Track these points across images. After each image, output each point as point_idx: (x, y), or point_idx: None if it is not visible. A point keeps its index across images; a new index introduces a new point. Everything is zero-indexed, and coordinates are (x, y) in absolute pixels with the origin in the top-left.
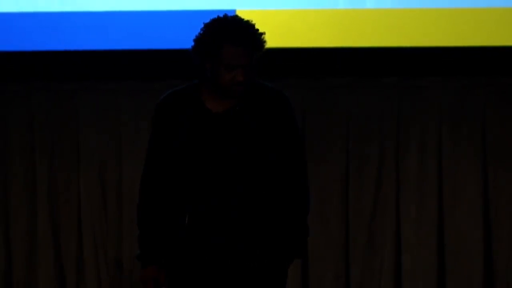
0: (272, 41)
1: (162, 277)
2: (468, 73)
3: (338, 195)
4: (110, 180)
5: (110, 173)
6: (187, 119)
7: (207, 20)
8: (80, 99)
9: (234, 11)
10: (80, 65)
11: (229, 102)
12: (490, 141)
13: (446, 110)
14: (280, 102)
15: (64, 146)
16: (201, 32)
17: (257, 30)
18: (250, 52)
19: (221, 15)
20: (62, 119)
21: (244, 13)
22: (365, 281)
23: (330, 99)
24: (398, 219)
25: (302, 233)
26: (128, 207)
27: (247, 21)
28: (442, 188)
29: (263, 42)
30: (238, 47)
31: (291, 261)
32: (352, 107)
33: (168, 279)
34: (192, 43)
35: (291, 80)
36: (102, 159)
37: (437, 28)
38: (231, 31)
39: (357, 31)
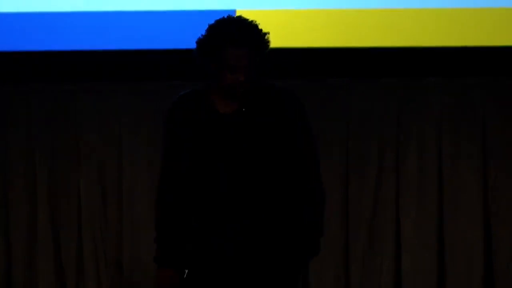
0: (272, 41)
1: (177, 280)
2: (468, 73)
3: (338, 195)
4: (110, 180)
5: (110, 173)
6: (196, 121)
7: (207, 20)
8: (80, 99)
9: (234, 11)
10: (80, 65)
11: (238, 102)
12: (490, 141)
13: (446, 110)
14: (292, 102)
15: (64, 146)
16: (205, 33)
17: (260, 30)
18: (252, 53)
19: (225, 16)
20: (62, 119)
21: (244, 13)
22: (365, 281)
23: (330, 99)
24: (398, 219)
25: (316, 234)
26: (128, 207)
27: (250, 22)
28: (442, 188)
29: (266, 42)
30: (240, 48)
31: (305, 263)
32: (352, 107)
33: (182, 282)
34: (195, 45)
35: (291, 80)
36: (102, 159)
37: (437, 28)
38: (232, 32)
39: (357, 31)
